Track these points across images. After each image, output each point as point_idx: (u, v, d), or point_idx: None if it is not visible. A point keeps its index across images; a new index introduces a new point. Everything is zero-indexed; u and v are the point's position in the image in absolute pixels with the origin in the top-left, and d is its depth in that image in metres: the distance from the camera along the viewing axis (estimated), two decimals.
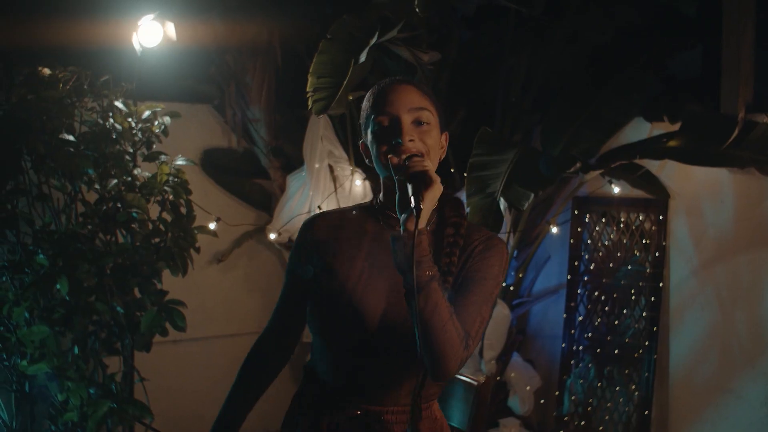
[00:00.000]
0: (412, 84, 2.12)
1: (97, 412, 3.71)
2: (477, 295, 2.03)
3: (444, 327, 1.90)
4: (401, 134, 2.02)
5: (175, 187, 3.82)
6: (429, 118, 2.07)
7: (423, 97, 2.09)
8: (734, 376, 4.29)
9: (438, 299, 1.90)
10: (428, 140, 2.05)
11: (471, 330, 1.99)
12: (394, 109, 2.05)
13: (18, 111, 3.63)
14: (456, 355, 1.93)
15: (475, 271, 2.06)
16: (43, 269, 3.61)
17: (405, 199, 1.91)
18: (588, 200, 4.89)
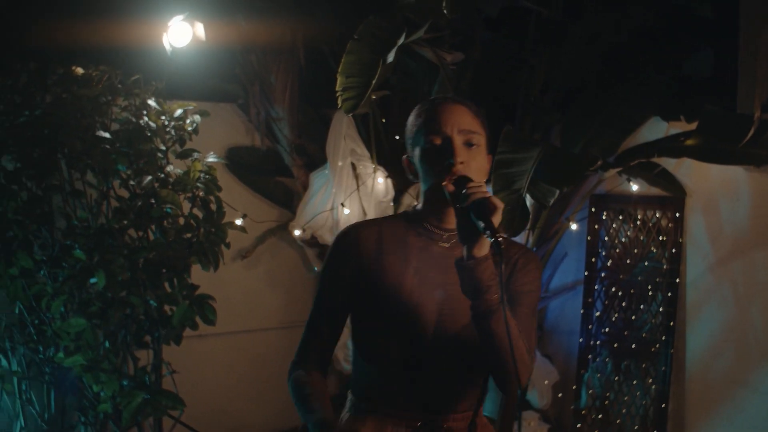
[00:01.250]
0: (465, 105, 2.15)
1: (131, 403, 3.82)
2: (527, 307, 2.12)
3: (516, 345, 1.97)
4: (453, 156, 2.05)
5: (206, 183, 3.92)
6: (479, 140, 2.11)
7: (474, 118, 2.13)
8: (750, 369, 4.38)
9: (509, 319, 1.95)
10: (474, 163, 2.09)
11: (530, 342, 2.07)
12: (446, 129, 2.08)
13: (54, 109, 3.73)
14: (528, 369, 2.03)
15: (522, 285, 2.14)
16: (80, 263, 3.70)
17: (467, 226, 1.94)
18: (605, 198, 4.99)
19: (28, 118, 3.71)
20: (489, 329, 1.95)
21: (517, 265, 2.15)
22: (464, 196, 1.95)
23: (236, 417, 5.38)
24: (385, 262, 2.16)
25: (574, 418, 5.04)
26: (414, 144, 2.15)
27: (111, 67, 4.07)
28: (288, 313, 5.55)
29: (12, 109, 3.81)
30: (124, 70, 4.10)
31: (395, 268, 2.15)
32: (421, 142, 2.11)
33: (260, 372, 5.48)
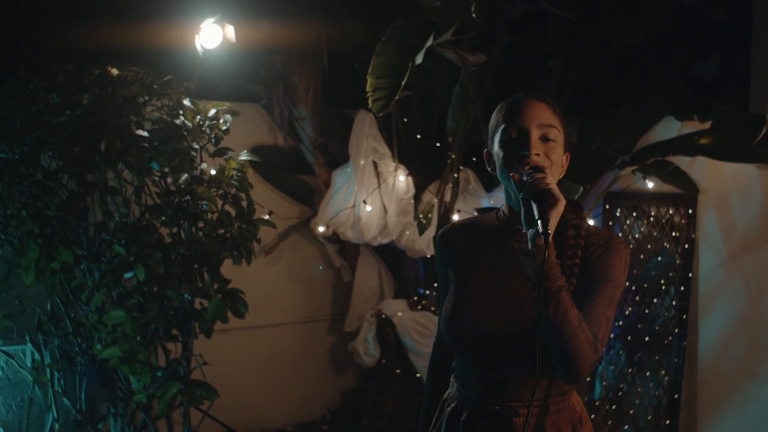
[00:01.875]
0: (545, 101, 2.19)
1: (167, 393, 3.95)
2: (601, 297, 2.10)
3: (574, 333, 2.00)
4: (528, 147, 2.10)
5: (240, 181, 4.05)
6: (556, 136, 2.15)
7: (553, 115, 2.17)
8: (762, 360, 4.53)
9: (567, 308, 2.01)
10: (553, 156, 2.13)
11: (598, 333, 2.06)
12: (524, 123, 2.13)
13: (95, 109, 3.86)
14: (586, 360, 2.03)
15: (597, 274, 2.12)
16: (118, 258, 3.83)
17: (530, 215, 1.99)
18: (619, 195, 5.13)
19: (69, 117, 3.84)
20: (547, 317, 2.00)
21: (594, 253, 2.15)
22: (528, 184, 2.02)
23: (258, 410, 5.50)
24: (464, 259, 2.27)
25: (589, 409, 5.18)
26: (493, 137, 2.21)
27: (143, 67, 4.20)
28: (308, 308, 5.68)
29: (50, 108, 3.93)
30: (155, 70, 4.23)
31: (472, 264, 2.25)
32: (500, 134, 2.17)
33: (281, 366, 5.61)
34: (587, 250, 2.16)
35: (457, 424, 2.27)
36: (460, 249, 2.29)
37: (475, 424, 2.24)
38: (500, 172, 2.18)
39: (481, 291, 2.20)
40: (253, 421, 5.45)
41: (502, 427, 2.20)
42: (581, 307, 2.07)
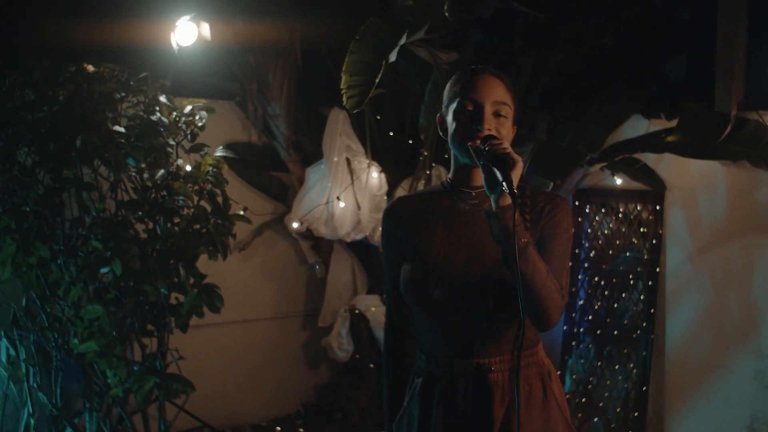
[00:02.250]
0: (500, 78, 2.33)
1: (143, 387, 3.99)
2: (557, 250, 2.28)
3: (545, 283, 2.16)
4: (482, 122, 2.24)
5: (215, 176, 4.10)
6: (507, 112, 2.29)
7: (507, 92, 2.31)
8: (727, 353, 4.64)
9: (536, 260, 2.16)
10: (502, 131, 2.27)
11: (561, 281, 2.24)
12: (480, 98, 2.26)
13: (71, 105, 3.89)
14: (557, 306, 2.20)
15: (550, 228, 2.30)
16: (95, 253, 3.87)
17: (492, 180, 2.13)
18: (588, 192, 5.23)
19: (45, 113, 3.87)
20: (518, 271, 2.11)
21: (543, 211, 2.31)
22: (487, 151, 2.14)
23: (233, 405, 5.55)
24: (419, 224, 2.38)
25: None
26: (448, 105, 2.34)
27: (118, 64, 4.24)
28: (282, 303, 5.73)
29: (26, 104, 3.95)
30: (130, 67, 4.26)
31: (427, 227, 2.37)
32: (456, 105, 2.29)
33: (256, 361, 5.66)
34: (535, 208, 2.32)
35: (432, 395, 2.35)
36: (412, 218, 2.40)
37: (452, 390, 2.33)
38: (451, 140, 2.32)
39: (438, 250, 2.32)
40: (228, 416, 5.49)
41: (479, 387, 2.30)
42: (543, 259, 2.22)
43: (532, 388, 2.34)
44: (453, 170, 2.41)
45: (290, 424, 5.63)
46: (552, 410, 2.35)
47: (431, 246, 2.33)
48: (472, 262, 2.29)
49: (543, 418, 2.33)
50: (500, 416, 2.30)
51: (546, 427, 2.33)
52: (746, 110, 4.49)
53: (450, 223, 2.35)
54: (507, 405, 2.30)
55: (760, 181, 4.46)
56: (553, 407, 2.36)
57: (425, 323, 2.38)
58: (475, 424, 2.32)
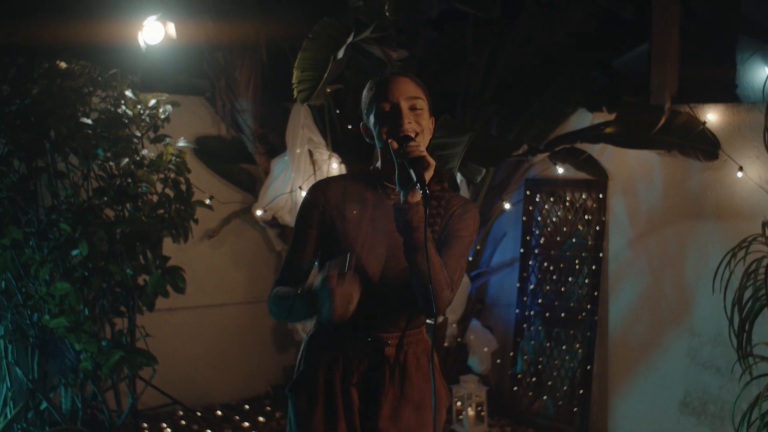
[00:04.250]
0: (408, 76, 2.59)
1: (110, 360, 4.27)
2: (456, 249, 2.56)
3: (437, 276, 2.42)
4: (401, 117, 2.49)
5: (177, 165, 4.39)
6: (422, 105, 2.54)
7: (417, 87, 2.56)
8: (663, 333, 4.92)
9: (432, 255, 2.41)
10: (422, 122, 2.53)
11: (454, 276, 2.53)
12: (394, 97, 2.51)
13: (42, 99, 4.18)
14: (445, 297, 2.47)
15: (455, 230, 2.57)
16: (64, 235, 4.16)
17: (405, 178, 2.38)
18: (538, 182, 5.52)
19: (18, 106, 4.16)
20: (415, 262, 2.40)
21: (454, 214, 2.59)
22: (404, 152, 2.40)
23: (204, 385, 5.81)
24: (347, 212, 2.61)
25: (511, 382, 5.58)
26: (368, 112, 2.58)
27: (90, 61, 4.52)
28: (251, 289, 6.01)
29: (1, 98, 4.25)
30: (102, 64, 4.54)
31: (355, 217, 2.60)
32: (374, 109, 2.54)
33: (226, 344, 5.93)
34: (448, 210, 2.59)
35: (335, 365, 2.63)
36: (341, 204, 2.62)
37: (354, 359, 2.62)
38: (378, 141, 2.56)
39: (363, 241, 2.57)
40: (200, 396, 5.76)
41: (375, 357, 2.61)
42: (442, 255, 2.50)
43: (419, 361, 2.67)
44: (380, 165, 2.64)
45: (259, 404, 5.89)
46: (436, 379, 2.65)
47: (357, 236, 2.57)
48: (390, 255, 2.56)
49: (428, 388, 2.66)
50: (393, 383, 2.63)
51: (430, 394, 2.66)
52: (679, 103, 4.75)
53: (375, 217, 2.60)
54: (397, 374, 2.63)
55: (692, 170, 4.73)
56: (437, 377, 2.68)
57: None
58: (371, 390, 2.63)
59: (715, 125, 4.59)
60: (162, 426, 5.32)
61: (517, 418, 5.51)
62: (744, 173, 4.44)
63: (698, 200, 4.72)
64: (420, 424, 2.63)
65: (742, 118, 4.51)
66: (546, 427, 5.35)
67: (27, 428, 4.61)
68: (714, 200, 4.63)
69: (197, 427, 5.36)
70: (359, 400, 2.63)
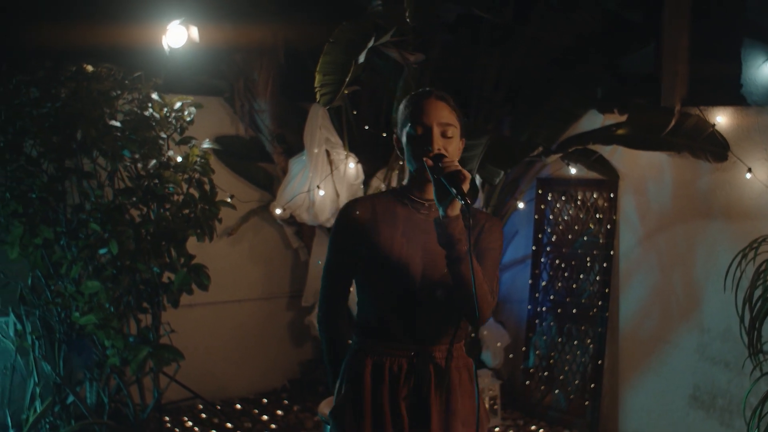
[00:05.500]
0: (445, 100, 2.66)
1: (138, 356, 4.41)
2: (491, 260, 2.67)
3: (481, 285, 2.52)
4: (431, 143, 2.58)
5: (202, 166, 4.52)
6: (453, 132, 2.63)
7: (451, 113, 2.65)
8: (672, 328, 5.06)
9: (475, 265, 2.51)
10: (450, 148, 2.62)
11: (492, 285, 2.64)
12: (428, 121, 2.60)
13: (72, 102, 4.31)
14: (490, 305, 2.57)
15: (488, 243, 2.68)
16: (94, 234, 4.29)
17: (442, 193, 2.47)
18: (550, 181, 5.65)
19: (49, 109, 4.29)
20: (459, 273, 2.49)
21: (484, 227, 2.69)
22: (440, 168, 2.49)
23: (222, 379, 5.95)
24: (380, 228, 2.68)
25: (523, 376, 5.71)
26: (402, 128, 2.68)
27: (114, 64, 4.64)
28: (268, 285, 6.14)
29: (31, 101, 4.37)
30: (126, 67, 4.67)
31: (387, 233, 2.68)
32: (408, 128, 2.64)
33: (243, 339, 6.07)
34: (476, 225, 2.69)
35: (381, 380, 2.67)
36: (373, 222, 2.69)
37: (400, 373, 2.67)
38: (408, 160, 2.66)
39: (399, 254, 2.64)
40: (218, 390, 5.89)
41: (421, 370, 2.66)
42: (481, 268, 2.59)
43: (461, 375, 2.73)
44: (408, 182, 2.75)
45: (276, 397, 6.02)
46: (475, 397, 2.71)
47: (392, 250, 2.65)
48: (427, 266, 2.64)
49: (471, 404, 2.72)
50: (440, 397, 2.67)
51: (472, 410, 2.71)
52: (689, 106, 4.88)
53: (407, 231, 2.68)
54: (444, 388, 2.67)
55: (701, 170, 4.86)
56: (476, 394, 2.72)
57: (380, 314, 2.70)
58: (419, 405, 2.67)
59: (725, 127, 4.71)
60: (183, 419, 5.45)
61: (529, 411, 5.65)
62: (752, 175, 4.56)
63: (707, 200, 4.85)
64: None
65: (751, 121, 4.64)
66: (558, 420, 5.48)
67: (54, 422, 4.74)
68: (723, 201, 4.76)
69: (217, 421, 5.49)
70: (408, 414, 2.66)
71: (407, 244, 2.66)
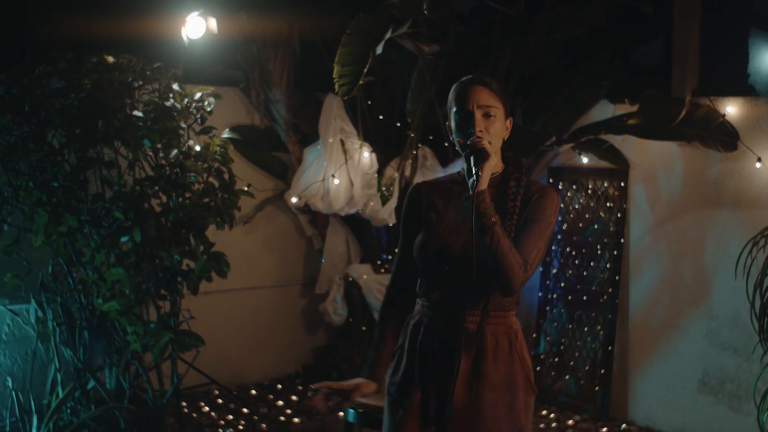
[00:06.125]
0: (484, 84, 2.78)
1: (159, 342, 4.50)
2: (533, 231, 2.74)
3: (506, 257, 2.62)
4: (473, 126, 2.72)
5: (223, 155, 4.61)
6: (495, 111, 2.75)
7: (491, 94, 2.76)
8: (682, 315, 5.15)
9: (500, 238, 2.62)
10: (491, 129, 2.74)
11: (529, 258, 2.69)
12: (470, 105, 2.74)
13: (96, 93, 4.39)
14: (517, 278, 2.64)
15: (533, 213, 2.76)
16: (116, 223, 4.38)
17: (470, 169, 2.64)
18: (561, 170, 5.74)
19: (72, 100, 4.37)
20: (485, 245, 2.62)
21: (532, 198, 2.78)
22: (468, 146, 2.67)
23: (237, 365, 6.05)
24: (436, 204, 2.88)
25: (534, 362, 5.81)
26: (450, 115, 2.83)
27: (136, 55, 4.73)
28: (283, 273, 6.24)
29: (54, 91, 4.45)
30: (146, 58, 4.75)
31: (442, 207, 2.87)
32: (453, 115, 2.79)
33: (259, 325, 6.17)
34: (528, 195, 2.79)
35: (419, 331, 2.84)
36: (432, 197, 2.89)
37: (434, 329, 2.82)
38: (456, 143, 2.80)
39: (446, 224, 2.81)
40: (234, 375, 5.98)
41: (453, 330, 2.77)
42: (518, 239, 2.70)
43: (498, 342, 2.79)
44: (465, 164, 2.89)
45: (290, 383, 6.13)
46: (515, 364, 2.79)
47: (443, 222, 2.82)
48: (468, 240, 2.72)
49: (506, 370, 2.79)
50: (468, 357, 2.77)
51: (508, 377, 2.79)
52: (699, 96, 4.96)
53: (457, 206, 2.84)
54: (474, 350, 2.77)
55: (711, 160, 4.95)
56: (516, 362, 2.80)
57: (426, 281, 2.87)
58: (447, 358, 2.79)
59: (734, 117, 4.80)
60: (200, 405, 5.56)
61: (540, 396, 5.66)
62: (762, 164, 4.65)
63: (717, 189, 4.94)
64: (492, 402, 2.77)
65: (760, 111, 4.72)
66: (568, 405, 5.58)
67: (75, 407, 4.83)
68: (732, 189, 4.85)
69: (233, 406, 5.60)
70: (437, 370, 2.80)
71: (457, 218, 2.81)
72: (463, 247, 2.76)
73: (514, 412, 2.79)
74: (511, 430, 2.79)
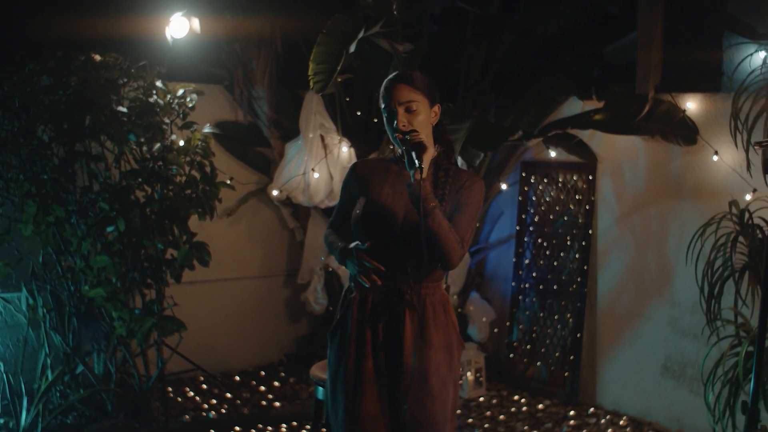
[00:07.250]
0: (405, 81, 3.08)
1: (143, 326, 4.72)
2: (467, 213, 3.08)
3: (447, 236, 2.98)
4: (396, 121, 3.03)
5: (204, 149, 4.83)
6: (417, 105, 3.05)
7: (411, 90, 3.05)
8: (646, 303, 5.36)
9: (440, 219, 2.97)
10: (415, 121, 3.04)
11: (464, 236, 3.06)
12: (392, 103, 3.06)
13: (83, 89, 4.61)
14: (456, 253, 3.01)
15: (466, 198, 3.10)
16: (102, 213, 4.60)
17: (410, 160, 2.95)
18: (533, 164, 5.95)
19: (61, 96, 4.59)
20: (427, 226, 2.95)
21: (464, 185, 3.12)
22: (407, 140, 2.98)
23: (222, 353, 6.25)
24: (373, 179, 3.18)
25: (508, 349, 6.03)
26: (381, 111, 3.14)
27: (122, 54, 4.94)
28: (266, 264, 6.45)
29: (43, 88, 4.67)
30: (132, 56, 4.97)
31: (379, 183, 3.16)
32: (384, 112, 3.10)
33: (242, 314, 6.37)
34: (458, 182, 3.13)
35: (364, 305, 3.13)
36: (370, 174, 3.21)
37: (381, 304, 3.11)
38: (390, 135, 3.12)
39: (383, 200, 3.12)
40: (219, 363, 6.17)
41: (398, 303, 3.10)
42: (455, 219, 3.05)
43: (435, 309, 3.17)
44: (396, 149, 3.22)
45: (273, 371, 6.32)
46: (449, 327, 3.19)
47: (379, 196, 3.13)
48: (408, 215, 3.08)
49: (444, 333, 3.16)
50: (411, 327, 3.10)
51: (445, 339, 3.16)
52: (662, 93, 5.17)
53: (395, 184, 3.16)
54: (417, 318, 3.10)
55: (673, 154, 5.15)
56: (450, 325, 3.20)
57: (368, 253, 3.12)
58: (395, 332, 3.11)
59: (694, 113, 5.01)
60: (185, 390, 5.76)
61: (512, 382, 5.97)
62: (719, 157, 4.86)
63: (678, 181, 5.14)
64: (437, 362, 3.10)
65: (718, 107, 4.93)
66: (539, 390, 5.80)
67: (64, 391, 5.04)
68: (692, 182, 5.05)
69: (218, 392, 5.80)
70: (385, 340, 3.10)
71: (393, 194, 3.13)
72: (403, 219, 3.07)
73: (452, 369, 3.17)
74: (451, 384, 3.16)
